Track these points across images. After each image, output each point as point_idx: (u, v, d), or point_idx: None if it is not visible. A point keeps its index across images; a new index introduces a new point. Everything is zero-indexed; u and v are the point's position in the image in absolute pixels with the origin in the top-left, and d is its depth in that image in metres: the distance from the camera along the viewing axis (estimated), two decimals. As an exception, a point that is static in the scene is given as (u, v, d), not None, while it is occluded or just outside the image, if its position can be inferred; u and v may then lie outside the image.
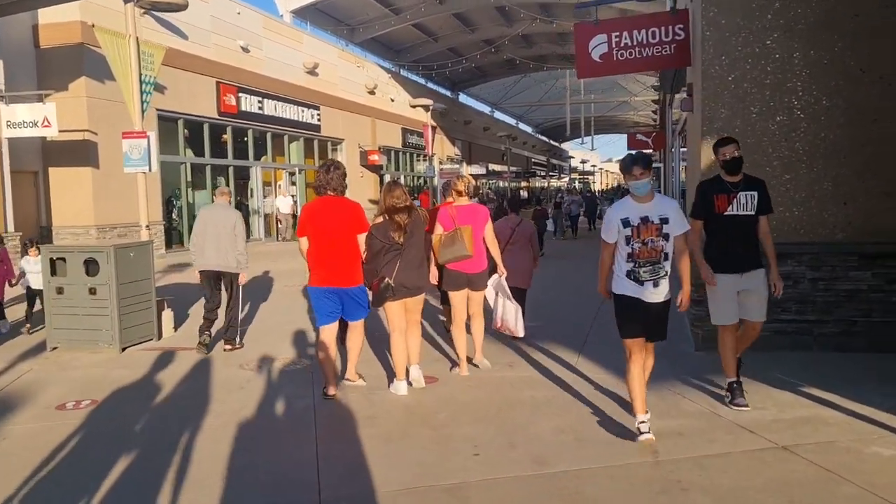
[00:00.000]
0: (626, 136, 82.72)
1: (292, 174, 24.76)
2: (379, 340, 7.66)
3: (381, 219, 5.79)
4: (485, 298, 6.75)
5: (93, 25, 9.06)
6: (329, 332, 5.89)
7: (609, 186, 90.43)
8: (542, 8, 30.37)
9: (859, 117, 6.45)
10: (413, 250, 5.76)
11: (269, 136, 23.35)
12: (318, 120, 26.09)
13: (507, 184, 46.51)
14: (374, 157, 29.21)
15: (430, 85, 39.44)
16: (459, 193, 6.43)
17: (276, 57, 23.51)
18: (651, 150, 27.38)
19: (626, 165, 4.61)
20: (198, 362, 7.27)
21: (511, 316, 6.89)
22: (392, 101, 32.93)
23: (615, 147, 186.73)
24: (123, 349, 7.75)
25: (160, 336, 8.33)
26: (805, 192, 6.60)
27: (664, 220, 4.58)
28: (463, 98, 46.82)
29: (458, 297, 6.44)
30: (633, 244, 4.60)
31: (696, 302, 6.87)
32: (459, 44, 36.01)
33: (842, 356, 6.52)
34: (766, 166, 6.64)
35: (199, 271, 7.68)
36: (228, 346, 7.64)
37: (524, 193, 50.57)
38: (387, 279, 5.64)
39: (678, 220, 4.64)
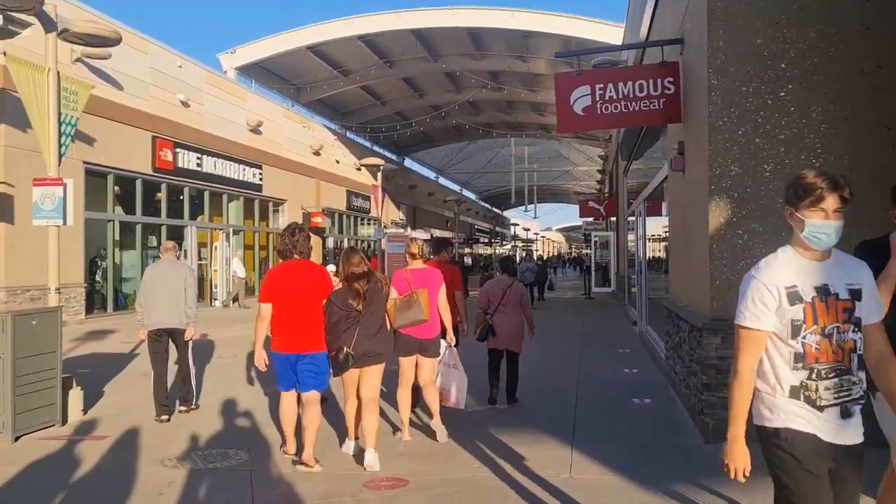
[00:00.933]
0: (566, 204, 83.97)
1: (229, 235, 23.37)
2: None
3: (340, 285, 5.66)
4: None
5: (4, 53, 7.85)
6: (291, 398, 5.70)
7: (550, 255, 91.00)
8: (492, 75, 30.33)
9: (885, 177, 5.76)
10: (373, 318, 5.62)
11: (206, 194, 22.05)
12: (260, 179, 24.95)
13: (455, 249, 45.58)
14: (318, 220, 28.10)
15: (377, 148, 38.84)
16: (413, 256, 6.37)
17: (217, 113, 22.44)
18: (602, 217, 27.07)
19: (811, 189, 2.64)
20: (107, 455, 5.94)
21: (454, 384, 6.63)
22: (337, 162, 32.09)
23: (556, 216, 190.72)
24: (17, 438, 6.36)
25: (65, 421, 6.93)
26: (827, 262, 5.84)
27: (855, 295, 2.69)
28: (408, 162, 46.41)
29: (407, 362, 6.32)
30: (805, 337, 2.64)
31: (705, 386, 5.98)
32: (407, 108, 35.68)
33: None
34: (783, 231, 5.86)
35: (149, 331, 7.31)
36: (184, 407, 7.39)
37: (468, 260, 49.87)
38: (346, 348, 5.46)
39: (873, 295, 2.75)
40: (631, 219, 18.09)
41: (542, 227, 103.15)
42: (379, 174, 21.09)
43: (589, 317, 18.35)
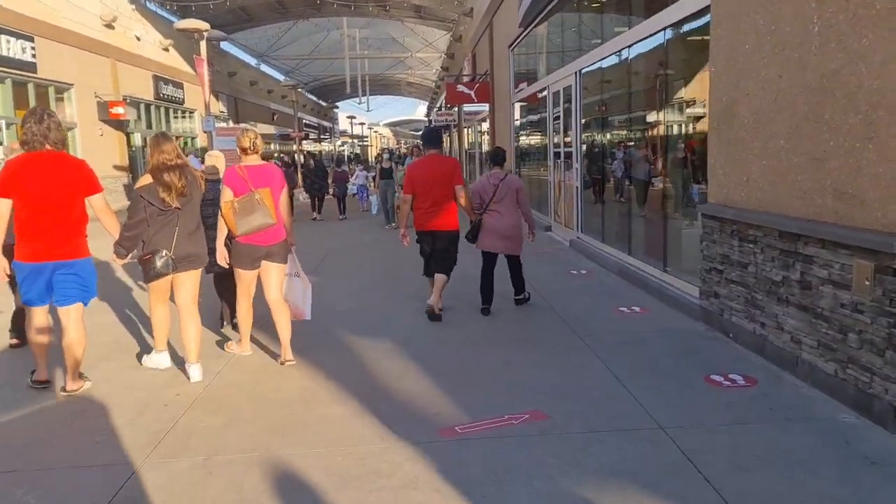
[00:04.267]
0: (397, 97, 79.49)
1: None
2: None
3: (149, 179, 4.97)
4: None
5: None
6: (44, 313, 4.84)
7: (381, 150, 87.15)
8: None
9: None
10: (190, 215, 5.08)
11: (-48, 73, 15.99)
12: (34, 56, 18.82)
13: (296, 146, 39.48)
14: (119, 111, 22.38)
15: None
16: (245, 151, 5.37)
17: (-43, -42, 16.08)
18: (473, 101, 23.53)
19: None
20: None
21: (298, 294, 5.78)
22: (138, 39, 25.88)
23: (388, 109, 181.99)
24: None
25: None
26: None
27: None
28: (225, 46, 39.86)
29: (250, 276, 5.45)
30: None
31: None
32: (222, -26, 29.56)
33: None
34: None
35: None
36: None
37: (299, 158, 44.68)
38: (164, 251, 4.91)
39: None
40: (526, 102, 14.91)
41: (370, 123, 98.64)
42: (203, 43, 16.04)
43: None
